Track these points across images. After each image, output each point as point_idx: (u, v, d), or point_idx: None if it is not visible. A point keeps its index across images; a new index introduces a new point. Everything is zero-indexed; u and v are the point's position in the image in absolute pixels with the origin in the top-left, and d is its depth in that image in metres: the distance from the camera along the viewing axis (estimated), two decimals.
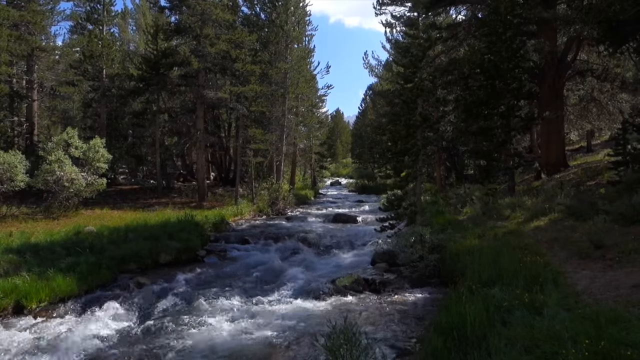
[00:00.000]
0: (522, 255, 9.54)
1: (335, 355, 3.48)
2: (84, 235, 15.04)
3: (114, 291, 11.61)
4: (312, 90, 40.76)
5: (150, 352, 8.03)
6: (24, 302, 10.22)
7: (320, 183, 52.07)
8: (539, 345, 5.51)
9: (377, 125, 39.95)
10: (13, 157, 19.23)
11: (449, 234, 13.40)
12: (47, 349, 8.14)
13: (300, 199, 34.30)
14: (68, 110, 37.73)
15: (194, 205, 25.27)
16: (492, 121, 17.89)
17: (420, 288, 11.13)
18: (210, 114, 32.86)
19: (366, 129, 59.28)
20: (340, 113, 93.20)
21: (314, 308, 10.11)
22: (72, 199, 20.00)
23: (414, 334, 8.19)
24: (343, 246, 17.21)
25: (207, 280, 12.82)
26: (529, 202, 15.46)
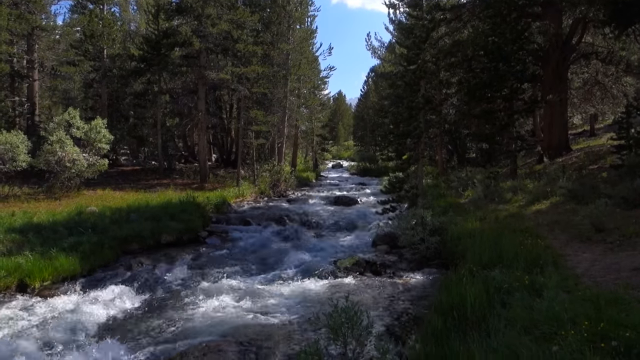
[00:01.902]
0: (522, 238, 9.58)
1: (337, 334, 3.51)
2: (86, 216, 15.09)
3: (116, 271, 11.70)
4: (314, 71, 40.46)
5: (152, 331, 8.11)
6: (27, 281, 10.30)
7: (322, 165, 51.99)
8: (538, 326, 5.55)
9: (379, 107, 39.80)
10: (15, 137, 19.21)
11: (450, 217, 13.43)
12: (50, 326, 8.22)
13: (302, 181, 34.30)
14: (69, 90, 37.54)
15: (196, 186, 25.29)
16: (495, 104, 17.82)
17: (420, 270, 11.18)
18: (211, 95, 32.71)
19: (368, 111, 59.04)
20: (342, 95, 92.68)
21: (315, 289, 10.18)
22: (74, 179, 20.01)
23: (415, 315, 8.26)
24: (344, 228, 17.26)
25: (208, 261, 12.89)
26: (530, 185, 15.47)
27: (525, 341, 5.22)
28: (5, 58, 26.77)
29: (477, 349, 5.09)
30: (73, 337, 7.82)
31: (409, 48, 16.95)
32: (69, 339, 7.73)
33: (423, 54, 16.60)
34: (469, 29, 22.60)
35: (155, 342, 7.60)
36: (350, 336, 3.53)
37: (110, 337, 7.85)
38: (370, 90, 61.41)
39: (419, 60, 16.36)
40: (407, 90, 16.74)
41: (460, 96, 21.55)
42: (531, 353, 4.93)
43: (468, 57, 19.92)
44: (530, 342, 5.20)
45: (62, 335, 7.87)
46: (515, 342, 5.22)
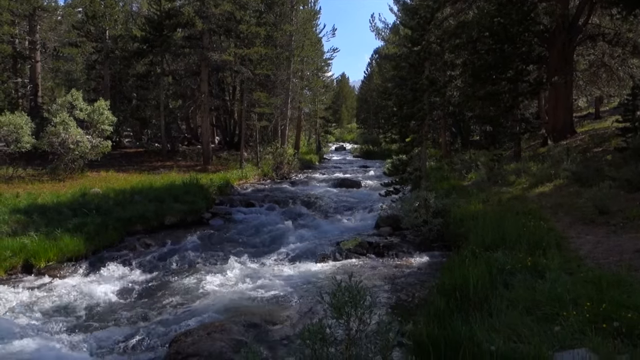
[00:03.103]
0: (525, 220, 9.57)
1: (340, 312, 3.53)
2: (90, 197, 15.15)
3: (120, 251, 11.79)
4: (317, 53, 40.15)
5: (156, 310, 8.20)
6: (32, 261, 10.40)
7: (325, 148, 51.90)
8: (540, 307, 5.59)
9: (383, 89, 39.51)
10: (19, 118, 19.22)
11: (453, 199, 13.43)
12: (55, 305, 8.32)
13: (305, 163, 34.29)
14: (71, 72, 37.45)
15: (199, 168, 25.32)
16: (500, 86, 17.67)
17: (423, 252, 11.22)
18: (214, 77, 32.54)
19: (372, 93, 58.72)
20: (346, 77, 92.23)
21: (317, 270, 10.24)
22: (78, 161, 20.05)
23: (417, 296, 8.31)
24: (347, 210, 17.29)
25: (212, 242, 12.96)
26: (534, 168, 15.41)
27: (527, 321, 5.26)
28: (7, 39, 26.68)
29: (479, 329, 5.13)
30: (78, 316, 7.91)
31: (413, 29, 16.74)
32: (74, 318, 7.82)
33: (427, 35, 16.39)
34: (474, 9, 22.30)
35: (159, 320, 7.69)
36: (353, 315, 3.55)
37: (115, 316, 7.95)
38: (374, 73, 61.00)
39: (423, 42, 16.17)
40: (411, 71, 16.59)
41: (465, 78, 21.36)
42: (533, 333, 4.97)
43: (473, 38, 19.69)
44: (532, 323, 5.23)
45: (68, 314, 7.96)
46: (517, 322, 5.25)
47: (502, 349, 4.64)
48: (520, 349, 4.64)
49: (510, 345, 4.76)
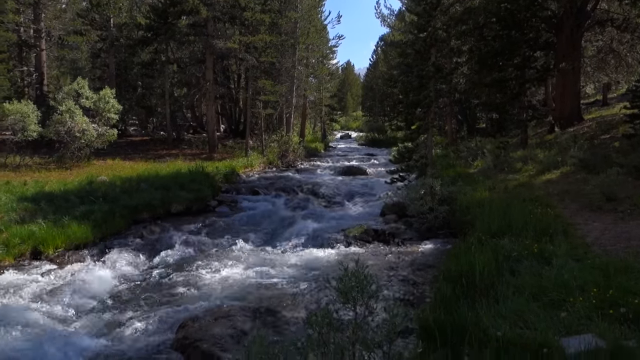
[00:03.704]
0: (532, 207, 9.55)
1: (347, 297, 3.54)
2: (97, 185, 15.21)
3: (127, 239, 11.85)
4: (322, 40, 39.89)
5: (163, 296, 8.27)
6: (41, 248, 10.48)
7: (330, 136, 51.80)
8: (546, 293, 5.59)
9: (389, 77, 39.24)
10: (25, 107, 19.27)
11: (459, 187, 13.40)
12: (64, 292, 8.39)
13: (310, 151, 34.26)
14: (77, 60, 37.41)
15: (205, 156, 25.35)
16: (507, 73, 17.54)
17: (429, 239, 11.23)
18: (219, 65, 32.44)
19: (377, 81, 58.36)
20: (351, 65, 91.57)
21: (323, 257, 10.28)
22: (84, 149, 20.11)
23: (423, 282, 8.33)
24: (352, 198, 17.29)
25: (218, 230, 13.01)
26: (541, 155, 15.34)
27: (534, 307, 5.27)
28: (12, 27, 26.65)
29: (485, 315, 5.14)
30: (86, 302, 7.99)
31: (419, 15, 16.59)
32: (82, 304, 7.90)
33: (434, 22, 16.23)
34: None
35: (166, 306, 7.76)
36: (360, 300, 3.56)
37: (122, 302, 8.03)
38: (380, 60, 60.58)
39: (429, 28, 16.03)
40: (417, 58, 16.48)
41: (471, 65, 21.21)
42: (539, 319, 4.98)
43: (480, 24, 19.51)
44: (539, 309, 5.24)
45: (76, 300, 8.04)
46: (523, 308, 5.26)
47: (509, 334, 4.65)
48: (526, 334, 4.65)
49: (516, 331, 4.77)
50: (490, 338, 4.60)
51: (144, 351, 6.24)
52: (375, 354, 3.70)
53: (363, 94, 76.66)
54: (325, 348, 3.63)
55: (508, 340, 4.54)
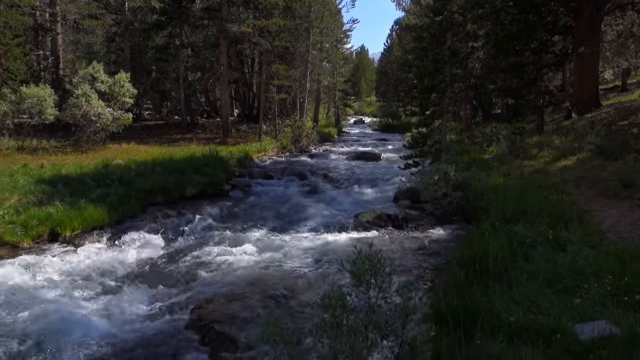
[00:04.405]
0: (547, 193, 9.47)
1: (360, 280, 3.56)
2: (112, 168, 15.37)
3: (142, 222, 11.97)
4: (336, 24, 39.55)
5: (178, 278, 8.40)
6: (58, 230, 10.64)
7: (344, 121, 51.60)
8: (560, 279, 5.57)
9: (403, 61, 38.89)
10: (42, 90, 19.46)
11: (473, 172, 13.32)
12: (81, 272, 8.56)
13: (323, 136, 34.19)
14: (92, 44, 37.57)
15: (218, 141, 25.43)
16: (524, 57, 17.27)
17: (442, 224, 11.21)
18: (233, 49, 32.35)
19: (391, 66, 57.87)
20: (365, 50, 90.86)
21: (336, 241, 10.32)
22: (100, 133, 20.29)
23: (436, 267, 8.35)
24: (366, 183, 17.26)
25: (232, 213, 13.10)
26: (557, 141, 15.15)
27: (547, 293, 5.26)
28: (28, 11, 26.81)
29: (498, 300, 5.15)
30: (103, 283, 8.13)
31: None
32: (99, 285, 8.04)
33: (450, 5, 16.00)
34: None
35: (181, 288, 7.88)
36: (373, 283, 3.58)
37: (138, 283, 8.16)
38: (394, 44, 59.99)
39: (445, 12, 15.81)
40: (433, 42, 16.29)
41: (487, 49, 20.90)
42: (553, 305, 4.97)
43: (496, 8, 19.17)
44: (552, 295, 5.23)
45: (93, 281, 8.18)
46: (537, 294, 5.26)
47: (522, 320, 4.66)
48: (539, 320, 4.66)
49: (529, 316, 4.77)
50: (503, 323, 4.62)
51: (159, 331, 6.34)
52: (388, 336, 3.73)
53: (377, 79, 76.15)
54: (338, 330, 3.66)
55: (521, 326, 4.56)
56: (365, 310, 3.70)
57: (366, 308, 3.71)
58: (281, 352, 3.77)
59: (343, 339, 3.57)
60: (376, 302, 3.74)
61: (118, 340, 6.09)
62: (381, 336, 3.66)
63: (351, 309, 3.73)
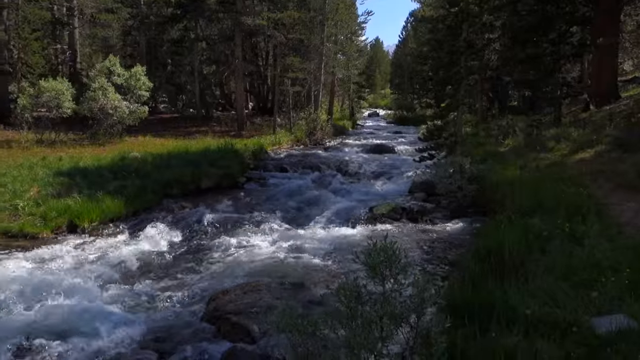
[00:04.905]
0: (564, 186, 9.36)
1: (375, 272, 3.58)
2: (129, 161, 15.54)
3: (159, 213, 12.11)
4: (351, 16, 39.32)
5: (194, 269, 8.50)
6: (76, 222, 10.83)
7: (358, 114, 51.41)
8: (577, 272, 5.52)
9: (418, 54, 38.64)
10: (60, 84, 19.72)
11: (489, 165, 13.21)
12: (99, 263, 8.69)
13: (338, 129, 34.13)
14: (108, 38, 37.86)
15: (233, 134, 25.54)
16: (541, 49, 17.04)
17: (458, 217, 11.15)
18: (248, 42, 32.41)
19: (406, 58, 57.50)
20: (380, 42, 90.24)
21: (350, 234, 10.34)
22: (116, 126, 20.50)
23: (451, 260, 8.33)
24: (380, 176, 17.24)
25: (247, 205, 13.19)
26: (575, 133, 14.93)
27: (564, 287, 5.22)
28: (46, 6, 27.10)
29: (514, 293, 5.12)
30: (120, 273, 8.26)
31: None
32: (116, 275, 8.16)
33: None
34: None
35: (197, 279, 7.98)
36: (388, 274, 3.60)
37: (155, 274, 8.27)
38: (409, 37, 59.58)
39: (461, 3, 15.68)
40: (448, 34, 16.18)
41: (504, 40, 20.68)
42: (569, 298, 4.93)
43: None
44: (569, 288, 5.19)
45: (110, 272, 8.31)
46: (553, 287, 5.22)
47: (537, 313, 4.63)
48: (555, 313, 4.63)
49: (545, 309, 4.74)
50: (519, 316, 4.60)
51: (176, 322, 6.43)
52: (403, 328, 3.74)
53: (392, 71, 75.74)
54: (353, 321, 3.69)
55: (537, 319, 4.54)
56: (380, 301, 3.72)
57: (381, 299, 3.73)
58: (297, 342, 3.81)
59: (358, 330, 3.59)
60: (391, 294, 3.76)
61: (135, 329, 6.18)
62: (396, 327, 3.68)
63: (366, 300, 3.75)
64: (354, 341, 3.58)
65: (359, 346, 3.58)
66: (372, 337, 3.53)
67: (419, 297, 3.62)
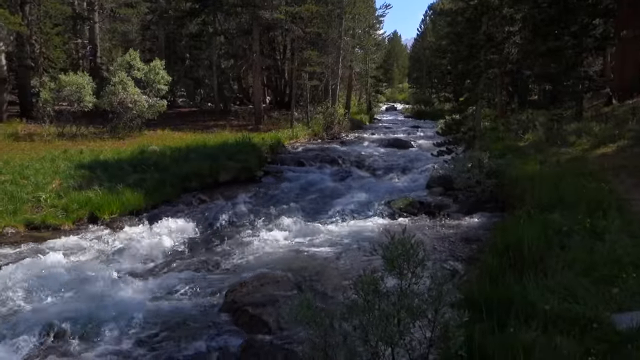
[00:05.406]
0: (585, 181, 9.22)
1: (393, 265, 3.58)
2: (148, 154, 15.72)
3: (177, 206, 12.26)
4: (369, 10, 39.07)
5: (212, 261, 8.59)
6: (97, 214, 11.03)
7: (376, 108, 51.16)
8: (597, 268, 5.46)
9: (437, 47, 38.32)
10: (81, 78, 19.99)
11: (508, 160, 13.06)
12: (119, 254, 8.86)
13: (355, 123, 34.02)
14: (127, 32, 38.22)
15: (251, 128, 25.63)
16: (563, 41, 16.73)
17: (476, 212, 11.06)
18: (265, 36, 32.45)
19: (425, 52, 57.01)
20: (398, 36, 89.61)
21: (368, 227, 10.34)
22: (136, 119, 20.71)
23: (469, 255, 8.28)
24: (398, 170, 17.17)
25: (264, 199, 13.26)
26: (596, 128, 14.69)
27: (584, 283, 5.16)
28: (67, 0, 27.42)
29: (532, 288, 5.08)
30: (140, 264, 8.39)
31: None
32: (135, 266, 8.30)
33: None
34: None
35: (215, 271, 8.07)
36: (406, 268, 3.60)
37: (174, 265, 8.38)
38: (428, 30, 59.07)
39: None
40: (468, 27, 15.97)
41: (525, 33, 20.35)
42: (589, 294, 4.88)
43: None
44: (589, 284, 5.13)
45: (130, 263, 8.45)
46: (573, 283, 5.17)
47: (557, 308, 4.60)
48: (575, 309, 4.59)
49: (565, 305, 4.70)
50: (538, 312, 4.56)
51: (195, 312, 6.52)
52: (420, 321, 3.74)
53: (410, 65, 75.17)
54: (370, 314, 3.70)
55: (556, 314, 4.50)
56: (398, 294, 3.72)
57: (398, 292, 3.73)
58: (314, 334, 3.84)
59: (375, 323, 3.60)
60: (409, 287, 3.76)
61: (154, 319, 6.29)
62: (413, 320, 3.68)
63: (383, 293, 3.76)
64: (371, 334, 3.59)
65: (376, 339, 3.59)
66: (390, 330, 3.54)
67: (437, 291, 3.61)
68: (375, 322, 3.61)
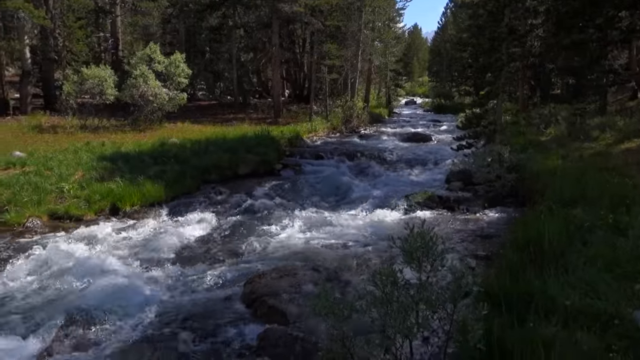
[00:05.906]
0: (608, 176, 9.08)
1: (412, 257, 3.58)
2: (168, 147, 15.89)
3: (197, 198, 12.38)
4: (389, 3, 38.71)
5: (231, 253, 8.68)
6: (118, 205, 11.20)
7: (395, 102, 50.80)
8: (620, 264, 5.38)
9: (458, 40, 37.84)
10: (103, 71, 20.28)
11: (529, 154, 12.91)
12: (139, 245, 8.99)
13: (374, 117, 33.87)
14: (148, 26, 38.56)
15: (270, 121, 25.71)
16: (587, 34, 16.41)
17: (495, 207, 10.96)
18: (285, 29, 32.44)
19: (445, 45, 56.41)
20: (418, 29, 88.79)
21: (386, 221, 10.32)
22: (156, 112, 20.94)
23: (489, 249, 8.22)
24: (417, 164, 17.06)
25: (283, 192, 13.30)
26: (621, 122, 14.43)
27: (606, 279, 5.09)
28: None
29: (553, 283, 5.03)
30: (160, 255, 8.50)
31: None
32: (156, 256, 8.41)
33: None
34: None
35: (234, 262, 8.14)
36: (425, 260, 3.59)
37: (193, 256, 8.49)
38: (448, 23, 58.45)
39: None
40: (489, 20, 15.79)
41: (548, 26, 19.98)
42: (611, 290, 4.81)
43: None
44: (611, 280, 5.06)
45: (151, 253, 8.57)
46: (594, 279, 5.10)
47: (578, 304, 4.55)
48: (596, 305, 4.54)
49: (586, 301, 4.65)
50: (558, 307, 4.52)
51: (214, 303, 6.60)
52: (439, 314, 3.74)
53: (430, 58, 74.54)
54: (389, 306, 3.70)
55: (577, 310, 4.45)
56: (417, 287, 3.72)
57: (417, 285, 3.73)
58: (332, 325, 3.86)
59: (393, 315, 3.61)
60: (427, 280, 3.76)
61: (174, 308, 6.40)
62: (432, 313, 3.68)
63: (402, 286, 3.76)
64: (389, 326, 3.60)
65: (394, 331, 3.60)
66: (408, 322, 3.55)
67: (456, 284, 3.60)
68: (393, 315, 3.62)
